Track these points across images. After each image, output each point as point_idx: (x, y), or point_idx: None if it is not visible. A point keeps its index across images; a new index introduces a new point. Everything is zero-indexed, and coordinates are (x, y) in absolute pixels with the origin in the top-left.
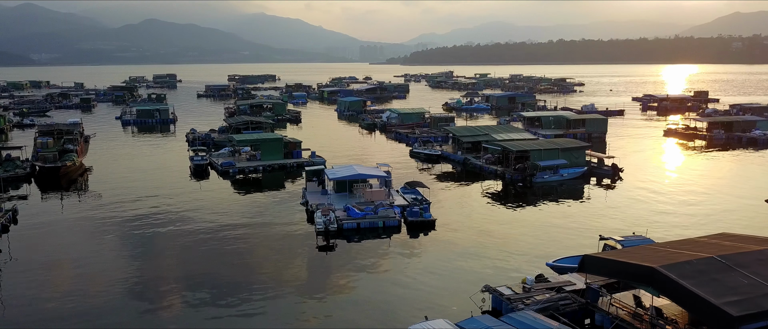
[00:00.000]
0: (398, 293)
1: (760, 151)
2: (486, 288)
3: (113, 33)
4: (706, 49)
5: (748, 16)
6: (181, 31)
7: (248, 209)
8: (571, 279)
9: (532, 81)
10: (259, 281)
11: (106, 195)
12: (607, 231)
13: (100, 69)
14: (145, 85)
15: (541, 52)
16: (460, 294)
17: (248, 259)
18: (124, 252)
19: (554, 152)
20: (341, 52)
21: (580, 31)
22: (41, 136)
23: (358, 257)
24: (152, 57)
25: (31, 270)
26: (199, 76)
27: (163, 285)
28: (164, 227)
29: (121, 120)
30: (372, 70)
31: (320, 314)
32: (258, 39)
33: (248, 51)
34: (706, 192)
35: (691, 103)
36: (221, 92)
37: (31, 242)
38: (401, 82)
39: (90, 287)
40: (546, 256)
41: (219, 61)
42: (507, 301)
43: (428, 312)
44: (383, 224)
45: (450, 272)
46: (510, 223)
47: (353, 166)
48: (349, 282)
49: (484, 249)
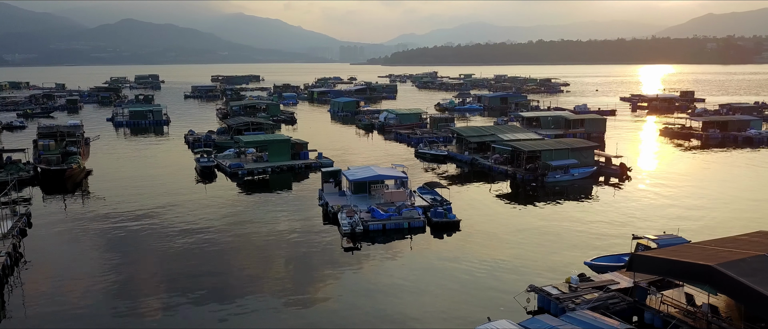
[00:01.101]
0: (443, 294)
1: (756, 149)
2: (531, 288)
3: (90, 33)
4: (682, 50)
5: (720, 17)
6: (159, 32)
7: (263, 211)
8: (614, 278)
9: (518, 81)
10: (298, 283)
11: (114, 199)
12: (635, 230)
13: (76, 69)
14: (129, 85)
15: (522, 52)
16: (503, 293)
17: (278, 261)
18: (149, 256)
19: (564, 152)
20: (321, 53)
21: (559, 32)
22: (42, 138)
23: (389, 258)
24: (130, 57)
25: (56, 278)
26: (180, 76)
27: (196, 288)
28: (181, 231)
29: (113, 121)
30: (354, 70)
31: (366, 315)
32: (237, 39)
33: (227, 51)
34: (716, 190)
35: (679, 103)
36: (208, 93)
37: (50, 247)
38: (387, 82)
39: (118, 290)
40: (579, 255)
41: (198, 61)
42: (556, 301)
43: (476, 312)
44: (408, 225)
45: (486, 272)
46: (533, 223)
47: (371, 167)
48: (390, 282)
49: (514, 248)
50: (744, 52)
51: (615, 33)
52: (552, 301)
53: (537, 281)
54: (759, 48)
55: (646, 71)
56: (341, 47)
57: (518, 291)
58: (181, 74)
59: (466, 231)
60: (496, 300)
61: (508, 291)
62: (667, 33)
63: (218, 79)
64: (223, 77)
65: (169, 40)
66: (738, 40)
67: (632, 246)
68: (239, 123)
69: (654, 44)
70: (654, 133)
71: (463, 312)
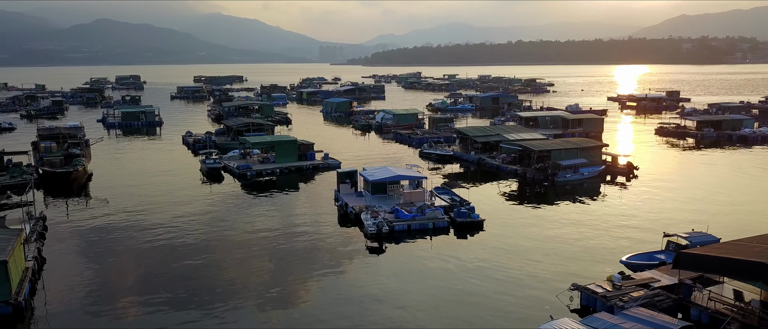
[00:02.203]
0: (487, 294)
1: (752, 148)
2: (575, 287)
3: (64, 33)
4: (658, 50)
5: (693, 18)
6: (135, 32)
7: (279, 212)
8: (654, 276)
9: (503, 81)
10: (333, 286)
11: (122, 202)
12: (654, 228)
13: (51, 70)
14: (111, 86)
15: (501, 52)
16: (543, 292)
17: (307, 263)
18: (172, 259)
19: (573, 151)
20: (300, 53)
21: (536, 32)
22: (43, 139)
23: (421, 258)
24: (105, 58)
25: (80, 282)
26: (160, 77)
27: (232, 291)
28: (197, 233)
29: (104, 123)
30: (335, 70)
31: (421, 316)
32: (215, 39)
33: (205, 51)
34: (723, 188)
35: (666, 103)
36: (195, 94)
37: (68, 251)
38: (371, 82)
39: (141, 293)
40: (607, 253)
41: (175, 61)
42: (602, 299)
43: (522, 311)
44: (433, 225)
45: (521, 272)
46: (554, 222)
47: (387, 167)
48: (436, 284)
49: (541, 247)
50: (718, 52)
51: (591, 33)
52: (598, 299)
53: (571, 280)
54: (732, 49)
55: (622, 71)
56: (320, 47)
57: (558, 290)
58: (161, 75)
59: (490, 231)
60: (539, 299)
61: (547, 290)
62: (643, 34)
63: (201, 80)
64: (206, 78)
65: (146, 40)
66: (712, 40)
67: (663, 243)
68: (240, 124)
69: (631, 45)
70: (649, 132)
71: (515, 313)
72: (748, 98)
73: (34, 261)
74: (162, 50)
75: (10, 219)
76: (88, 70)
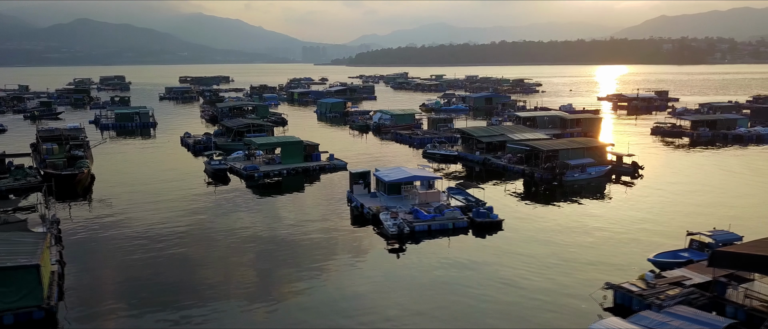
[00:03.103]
0: (522, 293)
1: (747, 147)
2: (609, 286)
3: (42, 33)
4: (639, 51)
5: (673, 19)
6: (115, 32)
7: (292, 213)
8: (685, 274)
9: (491, 82)
10: (362, 286)
11: (131, 204)
12: (675, 225)
13: (30, 70)
14: (96, 87)
15: (485, 53)
16: (574, 290)
17: (332, 264)
18: (194, 261)
19: (580, 151)
20: (283, 53)
21: (519, 33)
22: (45, 141)
23: (444, 259)
24: (85, 58)
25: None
26: (143, 77)
27: (253, 290)
28: (214, 234)
29: (97, 124)
30: (320, 70)
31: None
32: (197, 39)
33: (187, 52)
34: (729, 187)
35: (657, 103)
36: (184, 94)
37: (85, 255)
38: (359, 83)
39: (163, 294)
40: (632, 251)
41: (157, 62)
42: (638, 297)
43: (559, 311)
44: (453, 225)
45: (549, 271)
46: (570, 221)
47: (401, 168)
48: (457, 283)
49: (563, 247)
50: (698, 53)
51: (574, 34)
52: (634, 298)
53: (598, 278)
54: (711, 49)
55: (603, 72)
56: (303, 47)
57: (587, 288)
58: (144, 75)
59: (509, 230)
60: (572, 297)
61: (578, 288)
62: (623, 34)
63: (187, 81)
64: (192, 78)
65: (126, 40)
66: (691, 41)
67: (686, 242)
68: (240, 125)
69: (613, 45)
70: (645, 132)
71: (553, 313)
72: (735, 98)
73: (57, 265)
74: (143, 50)
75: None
76: (68, 70)
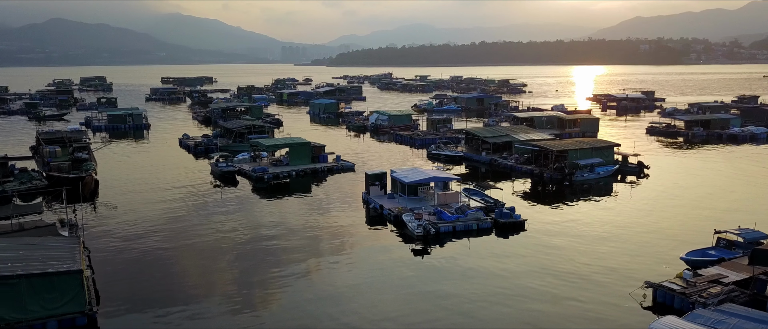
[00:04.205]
0: (559, 294)
1: (741, 146)
2: (649, 284)
3: (15, 33)
4: (617, 51)
5: (648, 20)
6: (90, 32)
7: (308, 215)
8: (721, 272)
9: (477, 82)
10: (396, 287)
11: (141, 207)
12: (696, 223)
13: (1, 71)
14: (77, 88)
15: (466, 53)
16: (612, 288)
17: (359, 265)
18: (218, 263)
19: (588, 151)
20: (262, 53)
21: (498, 33)
22: (47, 144)
23: (475, 259)
24: (60, 59)
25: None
26: (123, 78)
27: (299, 291)
28: (234, 237)
29: (89, 125)
30: (303, 71)
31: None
32: (174, 40)
33: (164, 52)
34: (735, 185)
35: (646, 103)
36: (171, 95)
37: (111, 257)
38: (343, 83)
39: (189, 299)
40: (658, 249)
41: (134, 62)
42: (681, 296)
43: (602, 309)
44: (477, 226)
45: (581, 270)
46: (590, 221)
47: (418, 169)
48: (497, 284)
49: (589, 246)
50: (674, 53)
51: (552, 35)
52: (676, 296)
53: (629, 277)
54: (687, 50)
55: (581, 72)
56: (283, 48)
57: (627, 288)
58: (123, 76)
59: (532, 231)
60: (611, 295)
61: (614, 287)
62: (600, 35)
63: (170, 81)
64: (176, 79)
65: (102, 40)
66: (668, 42)
67: (713, 240)
68: (241, 126)
69: (591, 45)
70: (639, 132)
71: (596, 312)
72: (719, 98)
73: (89, 270)
74: (119, 51)
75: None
76: (43, 71)
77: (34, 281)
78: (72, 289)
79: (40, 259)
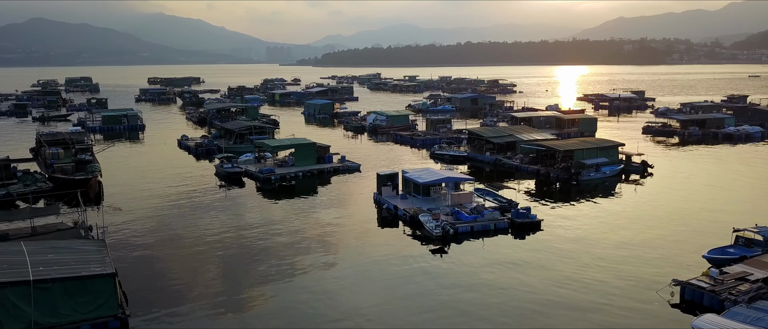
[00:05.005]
0: (589, 293)
1: (737, 145)
2: (676, 282)
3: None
4: (601, 51)
5: (631, 20)
6: (72, 32)
7: (320, 215)
8: (746, 269)
9: (466, 82)
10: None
11: (151, 210)
12: (708, 222)
13: None
14: (64, 88)
15: (451, 53)
16: (637, 287)
17: (383, 266)
18: (240, 264)
19: (594, 151)
20: (247, 53)
21: (482, 34)
22: (49, 145)
23: (498, 259)
24: (41, 59)
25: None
26: (107, 78)
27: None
28: (252, 238)
29: (83, 126)
30: (290, 71)
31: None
32: (158, 40)
33: (148, 52)
34: (738, 184)
35: (638, 103)
36: (161, 96)
37: (129, 259)
38: (332, 83)
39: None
40: (679, 250)
41: (117, 62)
42: (710, 294)
43: (633, 307)
44: (494, 226)
45: (609, 270)
46: (604, 219)
47: (431, 169)
48: (523, 285)
49: (607, 244)
50: (656, 53)
51: (536, 35)
52: (705, 294)
53: (651, 275)
54: (669, 50)
55: (566, 72)
56: (268, 48)
57: (653, 286)
58: (108, 76)
59: (548, 231)
60: (640, 296)
61: (641, 286)
62: (584, 35)
63: (157, 82)
64: (163, 79)
65: (84, 40)
66: (651, 42)
67: (732, 238)
68: (241, 127)
69: (575, 46)
70: (635, 131)
71: (627, 310)
72: (706, 98)
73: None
74: (102, 51)
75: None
76: (25, 71)
77: (68, 284)
78: (105, 292)
79: (70, 262)
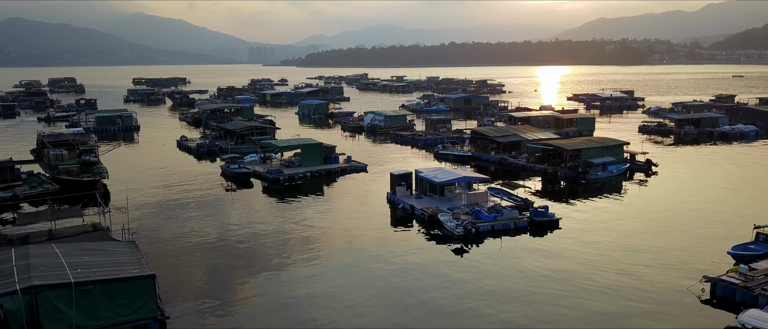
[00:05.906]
0: (621, 292)
1: (732, 144)
2: (707, 279)
3: None
4: (583, 52)
5: (611, 21)
6: (52, 32)
7: (333, 215)
8: None
9: (455, 82)
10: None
11: (160, 211)
12: (720, 219)
13: None
14: (48, 88)
15: (434, 54)
16: (666, 282)
17: (426, 267)
18: (260, 262)
19: (600, 150)
20: (229, 54)
21: (464, 34)
22: (53, 147)
23: (522, 258)
24: (19, 59)
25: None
26: (90, 79)
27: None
28: (268, 239)
29: (78, 127)
30: (273, 71)
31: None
32: (139, 40)
33: (129, 52)
34: (741, 184)
35: (629, 103)
36: (150, 96)
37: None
38: (320, 84)
39: (261, 296)
40: (701, 246)
41: (98, 62)
42: (743, 290)
43: (665, 304)
44: (514, 225)
45: (635, 268)
46: (618, 217)
47: (443, 169)
48: (555, 285)
49: (629, 243)
50: (638, 54)
51: (519, 35)
52: (737, 290)
53: (678, 271)
54: (650, 50)
55: (548, 72)
56: (250, 48)
57: (682, 283)
58: (90, 76)
59: (567, 230)
60: (672, 293)
61: (671, 283)
62: (565, 36)
63: (142, 82)
64: (148, 80)
65: (64, 40)
66: (632, 42)
67: (753, 235)
68: (242, 127)
69: (558, 46)
70: (631, 130)
71: (661, 308)
72: (696, 97)
73: None
74: (82, 51)
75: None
76: (6, 72)
77: (109, 287)
78: (145, 294)
79: (107, 264)
